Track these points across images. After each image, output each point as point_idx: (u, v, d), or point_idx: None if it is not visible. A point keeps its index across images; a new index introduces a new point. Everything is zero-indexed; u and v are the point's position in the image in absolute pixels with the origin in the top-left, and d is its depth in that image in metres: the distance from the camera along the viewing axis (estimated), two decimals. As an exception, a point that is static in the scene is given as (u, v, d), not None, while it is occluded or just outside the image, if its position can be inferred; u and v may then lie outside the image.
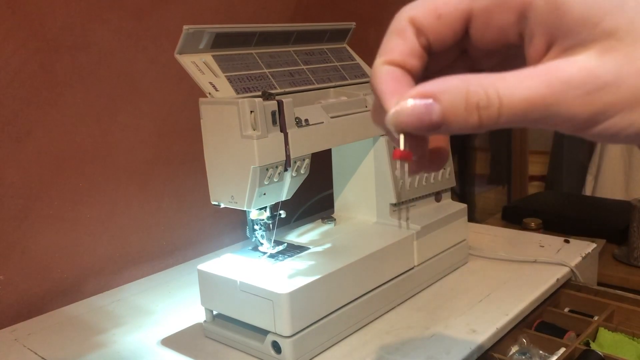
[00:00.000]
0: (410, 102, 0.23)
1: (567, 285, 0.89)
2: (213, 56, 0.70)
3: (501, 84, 0.22)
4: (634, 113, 0.21)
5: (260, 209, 0.71)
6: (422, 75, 0.27)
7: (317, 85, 0.79)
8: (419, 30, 0.25)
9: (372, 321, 0.76)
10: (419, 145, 0.27)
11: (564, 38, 0.22)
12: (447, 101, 0.23)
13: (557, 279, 0.86)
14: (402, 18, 0.26)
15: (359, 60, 0.89)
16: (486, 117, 0.22)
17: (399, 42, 0.25)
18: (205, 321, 0.75)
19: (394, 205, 0.85)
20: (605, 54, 0.21)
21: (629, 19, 0.21)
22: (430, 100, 0.23)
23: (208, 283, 0.72)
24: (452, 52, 0.28)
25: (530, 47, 0.24)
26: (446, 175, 0.93)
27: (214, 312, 0.74)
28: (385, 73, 0.25)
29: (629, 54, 0.21)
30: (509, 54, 0.27)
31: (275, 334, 0.66)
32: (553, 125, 0.23)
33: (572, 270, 0.90)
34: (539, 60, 0.24)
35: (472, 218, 1.20)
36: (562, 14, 0.22)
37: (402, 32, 0.25)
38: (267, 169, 0.65)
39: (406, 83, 0.26)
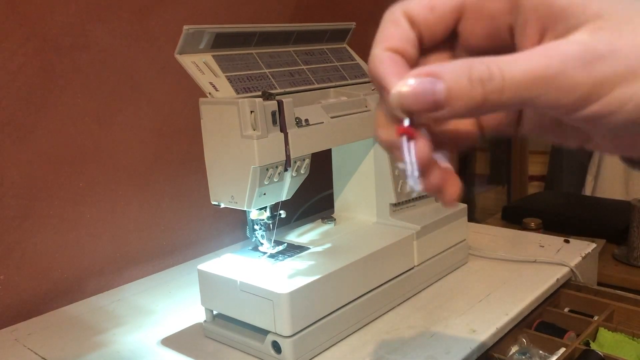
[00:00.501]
0: (414, 80, 0.23)
1: (567, 285, 0.89)
2: (213, 56, 0.70)
3: (503, 60, 0.23)
4: (631, 86, 0.22)
5: (260, 209, 0.71)
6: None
7: (317, 85, 0.79)
8: (412, 22, 0.26)
9: (372, 321, 0.76)
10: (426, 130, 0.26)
11: (555, 24, 0.23)
12: (451, 78, 0.23)
13: (557, 279, 0.86)
14: (396, 10, 0.26)
15: (359, 60, 0.89)
16: (490, 91, 0.22)
17: (397, 30, 0.26)
18: (205, 321, 0.75)
19: (394, 205, 0.85)
20: (596, 31, 0.22)
21: (610, 2, 0.23)
22: (434, 78, 0.23)
23: (208, 283, 0.72)
24: (443, 55, 0.28)
25: (523, 38, 0.24)
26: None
27: (214, 312, 0.74)
28: (387, 57, 0.25)
29: (618, 30, 0.22)
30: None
31: (275, 333, 0.66)
32: (556, 101, 0.23)
33: (572, 270, 0.90)
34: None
35: (472, 218, 1.20)
36: (551, 2, 0.23)
37: (397, 22, 0.26)
38: (267, 169, 0.65)
39: (406, 69, 0.25)
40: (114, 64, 0.92)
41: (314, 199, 1.17)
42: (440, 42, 0.27)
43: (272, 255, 0.74)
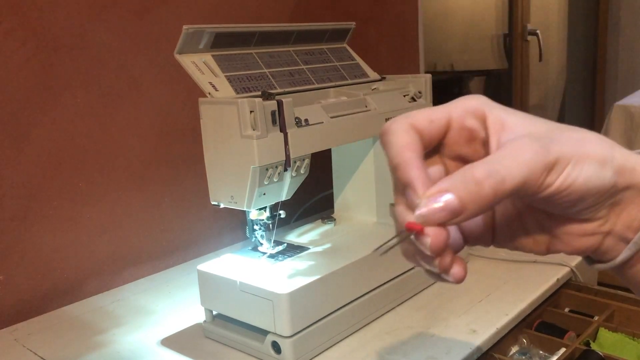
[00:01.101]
0: (432, 201, 0.29)
1: (567, 285, 0.89)
2: (213, 56, 0.70)
3: (491, 160, 0.29)
4: (576, 168, 0.29)
5: (260, 209, 0.71)
6: None
7: (317, 85, 0.79)
8: (418, 131, 0.32)
9: (372, 321, 0.76)
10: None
11: (507, 134, 0.32)
12: (459, 187, 0.29)
13: (557, 279, 0.86)
14: (405, 122, 0.32)
15: (359, 60, 0.88)
16: (495, 184, 0.28)
17: (412, 138, 0.32)
18: (205, 321, 0.75)
19: (394, 205, 0.84)
20: (538, 133, 0.31)
21: (538, 120, 0.32)
22: (446, 194, 0.29)
23: (208, 283, 0.72)
24: (433, 158, 0.35)
25: (491, 143, 0.32)
26: (446, 175, 0.92)
27: (214, 312, 0.74)
28: (416, 163, 0.31)
29: (551, 132, 0.31)
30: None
31: (275, 334, 0.66)
32: (538, 179, 0.29)
33: (572, 270, 0.89)
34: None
35: (472, 218, 1.20)
36: (503, 122, 0.32)
37: (409, 131, 0.32)
38: (267, 169, 0.65)
39: (427, 174, 0.31)
40: (114, 64, 0.92)
41: (314, 199, 1.17)
42: (432, 148, 0.34)
43: (272, 256, 0.74)
